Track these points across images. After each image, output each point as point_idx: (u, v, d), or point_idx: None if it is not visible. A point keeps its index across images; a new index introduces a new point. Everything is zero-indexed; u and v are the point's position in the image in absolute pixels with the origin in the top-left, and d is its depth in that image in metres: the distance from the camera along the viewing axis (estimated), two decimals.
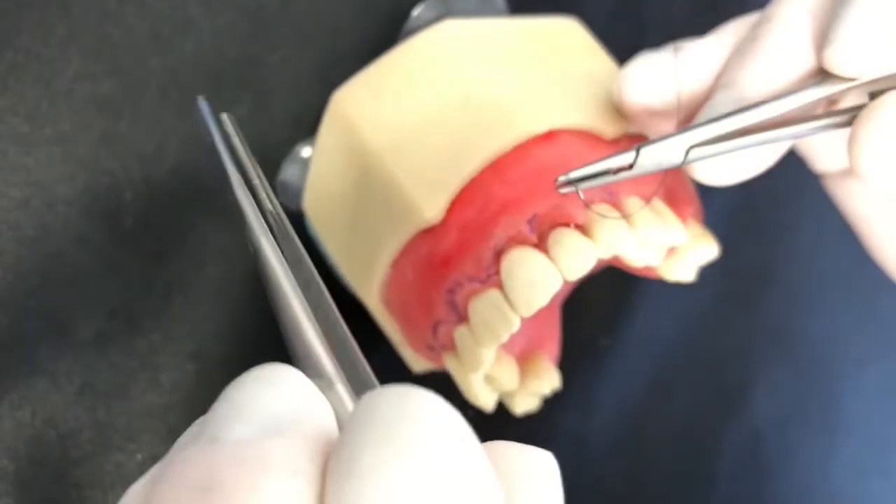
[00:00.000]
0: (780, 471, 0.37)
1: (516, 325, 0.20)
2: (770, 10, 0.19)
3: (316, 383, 0.12)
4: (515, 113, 0.22)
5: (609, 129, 0.22)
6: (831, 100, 0.19)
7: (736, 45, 0.20)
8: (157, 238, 0.27)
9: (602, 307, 0.33)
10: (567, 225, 0.21)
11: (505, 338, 0.20)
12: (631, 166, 0.19)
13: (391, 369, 0.26)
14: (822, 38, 0.18)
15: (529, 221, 0.21)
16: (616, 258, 0.24)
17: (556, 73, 0.24)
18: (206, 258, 0.28)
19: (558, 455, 0.13)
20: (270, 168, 0.29)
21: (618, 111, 0.22)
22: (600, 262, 0.21)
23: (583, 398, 0.32)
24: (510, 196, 0.21)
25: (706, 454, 0.36)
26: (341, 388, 0.13)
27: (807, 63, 0.19)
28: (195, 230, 0.28)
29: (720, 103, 0.19)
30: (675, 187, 0.23)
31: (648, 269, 0.24)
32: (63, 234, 0.26)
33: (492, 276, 0.21)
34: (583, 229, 0.21)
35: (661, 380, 0.35)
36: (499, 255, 0.21)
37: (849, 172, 0.22)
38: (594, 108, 0.23)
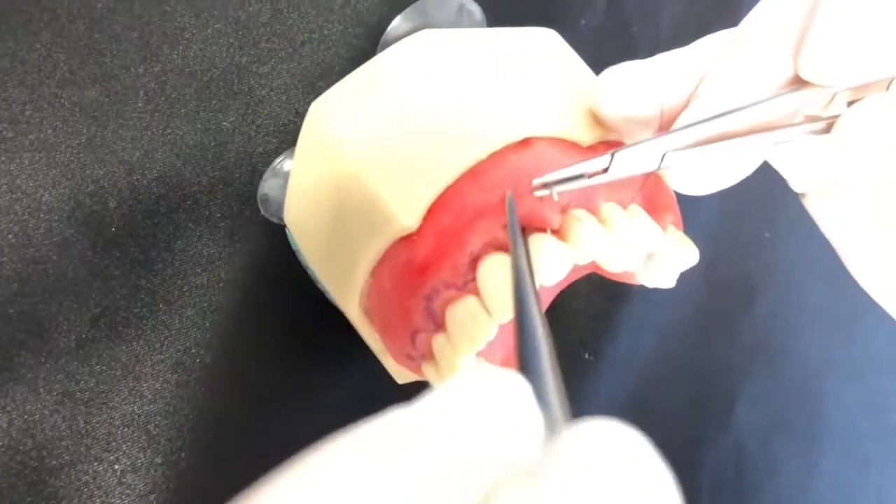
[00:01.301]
0: (763, 484, 0.37)
1: (493, 331, 0.20)
2: (746, 23, 0.20)
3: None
4: (492, 121, 0.22)
5: (585, 136, 0.23)
6: (804, 107, 0.20)
7: (714, 57, 0.20)
8: (141, 246, 0.27)
9: (585, 322, 0.33)
10: (543, 230, 0.21)
11: (482, 345, 0.20)
12: (606, 170, 0.19)
13: (374, 381, 0.26)
14: (798, 49, 0.18)
15: (505, 226, 0.21)
16: (595, 264, 0.24)
17: (532, 81, 0.24)
18: (190, 267, 0.27)
19: None
20: (258, 177, 0.29)
21: (594, 118, 0.22)
22: (578, 267, 0.21)
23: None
24: (486, 202, 0.21)
25: (689, 468, 0.36)
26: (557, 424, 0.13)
27: (783, 72, 0.19)
28: (180, 239, 0.27)
29: (698, 111, 0.19)
30: (654, 194, 0.23)
31: (628, 275, 0.24)
32: (46, 240, 0.26)
33: (468, 283, 0.21)
34: (559, 234, 0.21)
35: (643, 394, 0.35)
36: (475, 261, 0.21)
37: (828, 191, 0.22)
38: (571, 116, 0.23)
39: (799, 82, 0.19)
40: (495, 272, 0.20)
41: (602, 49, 0.33)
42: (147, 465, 0.26)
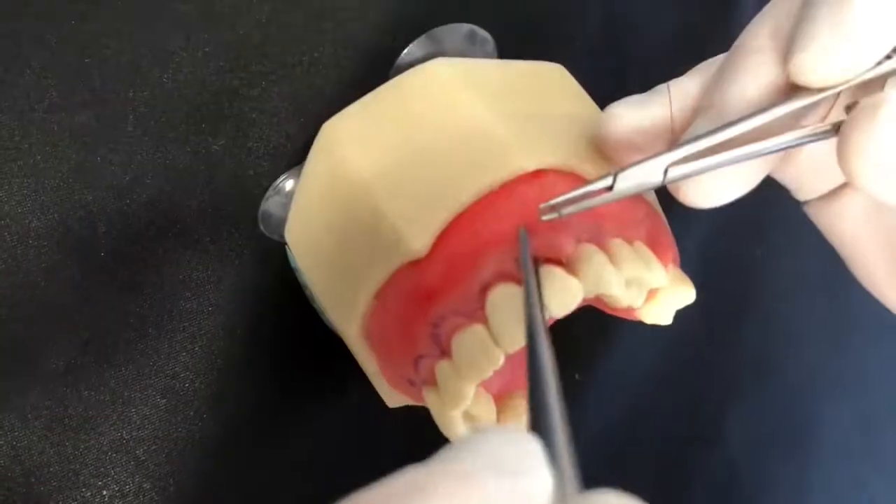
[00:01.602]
0: (755, 501, 0.37)
1: (500, 360, 0.20)
2: (739, 39, 0.20)
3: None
4: (505, 150, 0.22)
5: (594, 169, 0.23)
6: (804, 114, 0.20)
7: (711, 77, 0.21)
8: (130, 271, 0.27)
9: (578, 342, 0.33)
10: (554, 261, 0.21)
11: (489, 373, 0.20)
12: (610, 188, 0.19)
13: (370, 406, 0.26)
14: (784, 55, 0.19)
15: (516, 259, 0.21)
16: (598, 298, 0.24)
17: (542, 113, 0.24)
18: (180, 291, 0.28)
19: None
20: (248, 201, 0.29)
21: (601, 151, 0.23)
22: (584, 300, 0.21)
23: None
24: (497, 231, 0.21)
25: (682, 485, 0.36)
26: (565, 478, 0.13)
27: (776, 80, 0.19)
28: (169, 263, 0.27)
29: (700, 127, 0.20)
30: (656, 233, 0.23)
31: (629, 310, 0.24)
32: (34, 266, 0.26)
33: (476, 311, 0.21)
34: (569, 267, 0.21)
35: (636, 412, 0.35)
36: (484, 290, 0.21)
37: (835, 195, 0.22)
38: (580, 149, 0.23)
39: (794, 90, 0.19)
40: (505, 301, 0.21)
41: (596, 71, 0.33)
42: (136, 490, 0.26)
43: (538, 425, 0.14)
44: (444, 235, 0.21)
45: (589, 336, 0.33)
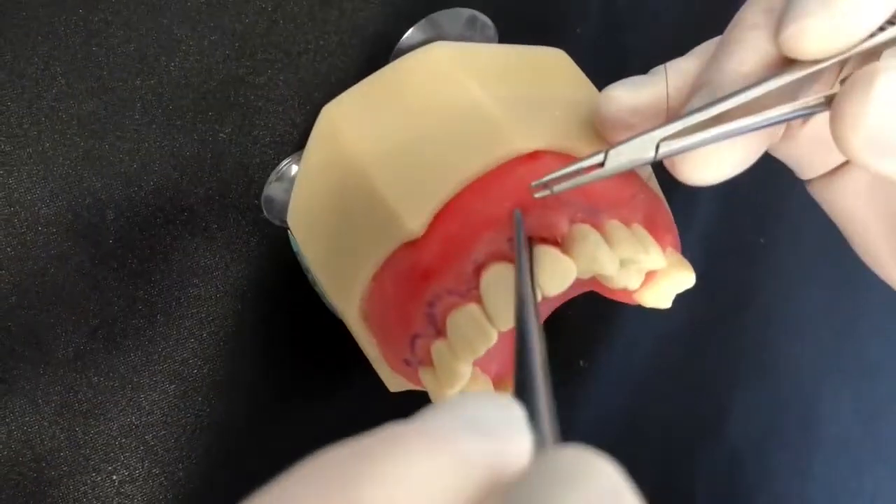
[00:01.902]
0: (757, 491, 0.37)
1: (494, 338, 0.21)
2: (735, 17, 0.20)
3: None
4: (502, 132, 0.22)
5: (589, 151, 0.23)
6: (801, 89, 0.20)
7: (704, 59, 0.21)
8: (138, 257, 0.27)
9: (580, 329, 0.33)
10: (548, 240, 0.21)
11: (482, 352, 0.21)
12: (602, 165, 0.19)
13: (375, 391, 0.26)
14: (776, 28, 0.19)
15: (510, 240, 0.21)
16: (595, 279, 0.24)
17: (541, 96, 0.24)
18: (187, 278, 0.28)
19: None
20: (255, 188, 0.29)
21: (599, 133, 0.23)
22: (579, 282, 0.21)
23: (560, 419, 0.32)
24: (492, 212, 0.21)
25: (684, 475, 0.36)
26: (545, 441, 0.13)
27: (770, 54, 0.19)
28: (177, 250, 0.28)
29: (696, 102, 0.20)
30: (654, 215, 0.23)
31: (626, 292, 0.24)
32: (44, 253, 0.26)
33: (471, 291, 0.21)
34: (564, 247, 0.21)
35: (638, 401, 0.35)
36: (479, 269, 0.21)
37: (837, 172, 0.22)
38: (577, 131, 0.23)
39: (788, 63, 0.19)
40: (498, 281, 0.21)
41: (597, 57, 0.33)
42: (145, 475, 0.27)
43: (521, 389, 0.14)
44: (440, 216, 0.22)
45: (592, 324, 0.34)
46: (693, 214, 0.36)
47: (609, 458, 0.11)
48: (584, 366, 0.33)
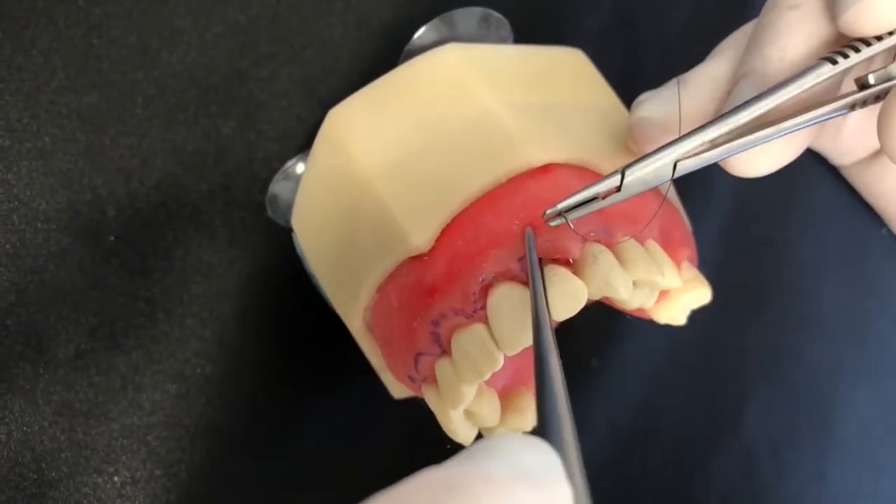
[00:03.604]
0: (772, 492, 0.37)
1: (500, 362, 0.20)
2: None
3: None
4: (513, 144, 0.22)
5: (606, 163, 0.22)
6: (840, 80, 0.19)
7: (736, 58, 0.20)
8: (139, 255, 0.27)
9: (592, 328, 0.32)
10: (560, 260, 0.20)
11: (487, 375, 0.20)
12: (619, 189, 0.18)
13: (378, 393, 0.26)
14: (831, 7, 0.18)
15: (520, 259, 0.20)
16: (607, 297, 0.24)
17: (556, 103, 0.23)
18: (189, 276, 0.27)
19: None
20: (258, 184, 0.28)
21: (617, 146, 0.22)
22: (590, 300, 0.21)
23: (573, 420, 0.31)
24: (502, 230, 0.20)
25: (698, 476, 0.36)
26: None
27: (816, 36, 0.18)
28: (179, 247, 0.27)
29: (743, 92, 0.19)
30: (670, 229, 0.23)
31: (640, 310, 0.24)
32: (43, 250, 0.26)
33: (478, 311, 0.20)
34: (576, 267, 0.20)
35: (652, 401, 0.35)
36: (486, 289, 0.20)
37: (876, 156, 0.21)
38: (592, 142, 0.23)
39: (832, 47, 0.18)
40: (507, 302, 0.20)
41: (609, 49, 0.32)
42: (147, 477, 0.26)
43: (547, 428, 0.14)
44: (448, 230, 0.21)
45: (604, 323, 0.33)
46: (708, 209, 0.35)
47: None
48: (596, 365, 0.32)
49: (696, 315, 0.34)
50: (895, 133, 0.17)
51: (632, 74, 0.32)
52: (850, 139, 0.21)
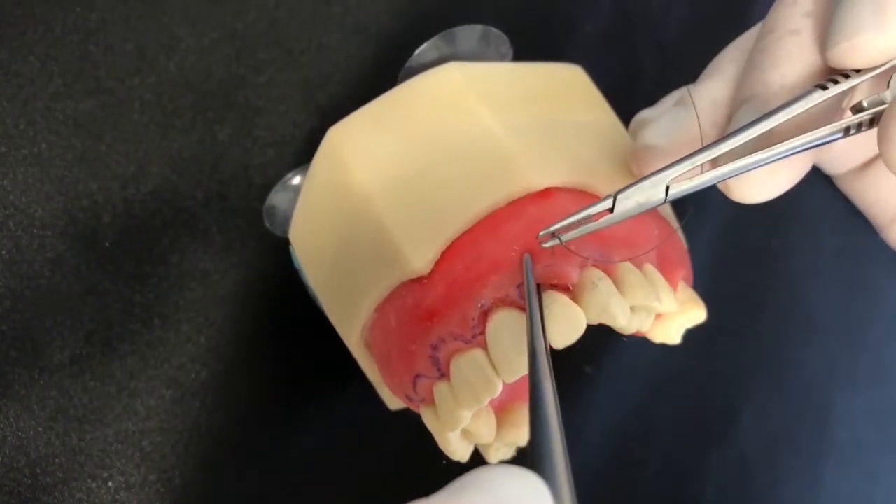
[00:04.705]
0: (767, 498, 0.37)
1: (499, 389, 0.20)
2: (769, 21, 0.19)
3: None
4: (514, 166, 0.22)
5: (605, 186, 0.22)
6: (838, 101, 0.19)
7: (737, 74, 0.20)
8: (135, 261, 0.27)
9: (586, 335, 0.33)
10: (559, 286, 0.20)
11: (486, 401, 0.20)
12: (611, 210, 0.19)
13: (373, 402, 0.26)
14: (824, 38, 0.18)
15: (519, 286, 0.20)
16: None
17: (555, 122, 0.23)
18: (185, 282, 0.27)
19: None
20: (255, 190, 0.28)
21: (618, 168, 0.22)
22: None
23: (568, 427, 0.31)
24: (501, 255, 0.20)
25: (693, 481, 0.36)
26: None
27: (815, 64, 0.19)
28: (175, 253, 0.27)
29: (745, 119, 0.19)
30: (667, 250, 0.23)
31: (636, 332, 0.24)
32: (39, 256, 0.26)
33: (477, 336, 0.20)
34: (574, 293, 0.20)
35: (646, 407, 0.35)
36: (485, 314, 0.20)
37: (869, 165, 0.21)
38: (592, 164, 0.23)
39: (830, 73, 0.18)
40: (506, 328, 0.20)
41: (609, 56, 0.32)
42: (141, 482, 0.26)
43: (540, 461, 0.14)
44: (447, 254, 0.21)
45: (597, 329, 0.33)
46: (704, 216, 0.35)
47: None
48: (589, 372, 0.33)
49: None
50: (893, 141, 0.17)
51: (632, 81, 0.32)
52: (842, 149, 0.21)
